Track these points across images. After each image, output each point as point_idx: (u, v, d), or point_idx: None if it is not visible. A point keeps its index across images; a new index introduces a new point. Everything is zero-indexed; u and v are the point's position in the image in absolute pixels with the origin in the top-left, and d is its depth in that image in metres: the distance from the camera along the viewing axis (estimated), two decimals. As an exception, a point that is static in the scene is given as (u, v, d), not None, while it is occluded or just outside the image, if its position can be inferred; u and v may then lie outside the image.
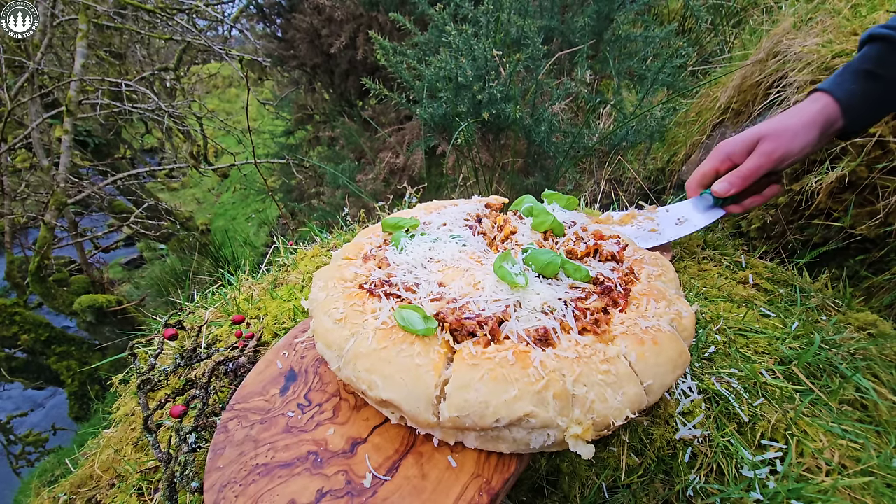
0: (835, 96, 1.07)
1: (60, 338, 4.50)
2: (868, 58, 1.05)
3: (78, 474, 1.02)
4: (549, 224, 0.95)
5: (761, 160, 1.07)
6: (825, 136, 1.09)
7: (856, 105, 1.06)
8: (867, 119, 1.09)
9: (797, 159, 1.09)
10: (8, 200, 4.62)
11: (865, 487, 0.70)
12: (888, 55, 1.03)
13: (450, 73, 2.12)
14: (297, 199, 4.93)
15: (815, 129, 1.06)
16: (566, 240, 0.94)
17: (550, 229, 0.96)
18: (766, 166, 1.07)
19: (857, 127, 1.09)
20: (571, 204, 1.08)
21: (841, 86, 1.07)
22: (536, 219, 0.97)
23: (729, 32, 2.91)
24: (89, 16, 4.25)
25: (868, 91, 1.05)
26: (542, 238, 0.95)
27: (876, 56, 1.04)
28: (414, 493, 0.59)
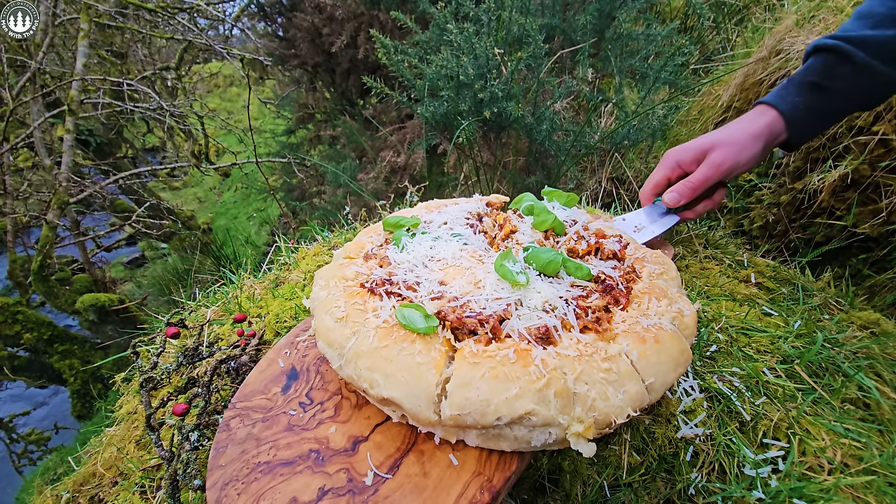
0: (779, 109, 1.08)
1: (63, 336, 4.52)
2: (813, 69, 1.06)
3: (81, 472, 1.02)
4: (549, 223, 0.95)
5: (710, 171, 1.09)
6: (769, 149, 1.11)
7: (799, 118, 1.07)
8: (811, 131, 1.11)
9: (743, 171, 1.11)
10: (10, 199, 4.63)
11: (868, 486, 0.70)
12: (834, 66, 1.03)
13: (451, 72, 2.12)
14: (298, 198, 4.93)
15: (760, 142, 1.07)
16: (567, 239, 0.93)
17: (551, 228, 0.95)
18: (714, 177, 1.09)
19: (800, 139, 1.11)
20: (571, 201, 1.07)
21: (785, 99, 1.08)
22: (537, 218, 0.96)
23: (731, 30, 2.91)
24: (91, 15, 4.26)
25: (812, 103, 1.06)
26: (542, 237, 0.94)
27: (821, 67, 1.05)
28: (415, 490, 0.59)
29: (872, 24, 1.01)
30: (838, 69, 1.03)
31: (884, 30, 0.99)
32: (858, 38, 1.00)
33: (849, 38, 1.01)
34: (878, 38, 0.99)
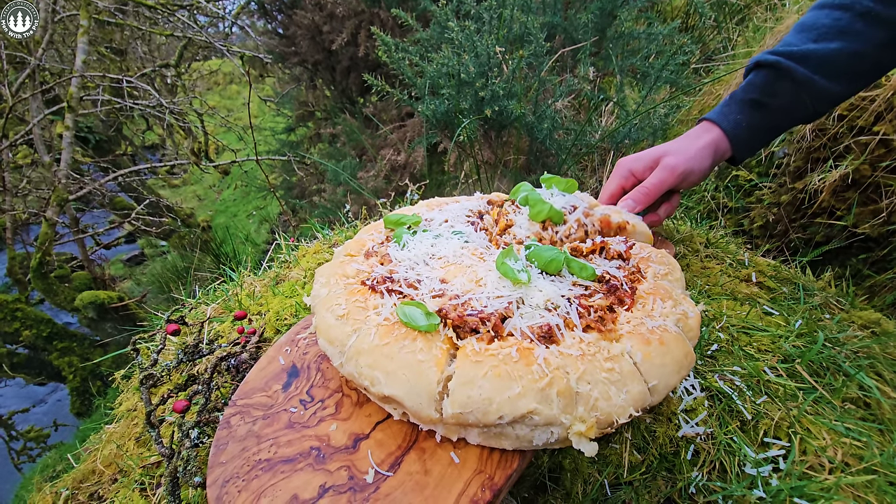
0: (722, 127, 1.08)
1: (62, 334, 4.51)
2: (754, 86, 1.06)
3: (80, 469, 1.02)
4: (546, 213, 0.91)
5: (664, 174, 1.08)
6: (716, 164, 1.12)
7: (742, 135, 1.08)
8: (754, 146, 1.11)
9: (695, 182, 1.11)
10: (9, 197, 4.62)
11: (868, 485, 0.70)
12: (773, 83, 1.03)
13: (452, 70, 2.12)
14: (298, 196, 4.93)
15: (708, 156, 1.08)
16: (567, 228, 0.90)
17: (548, 218, 0.92)
18: (669, 180, 1.08)
19: (744, 154, 1.12)
20: (571, 187, 1.04)
21: (727, 117, 1.09)
22: (533, 209, 0.92)
23: (732, 30, 2.90)
24: (90, 12, 4.24)
25: (753, 121, 1.06)
26: (540, 228, 0.91)
27: (761, 84, 1.04)
28: (416, 488, 0.59)
29: (815, 36, 0.99)
30: (777, 85, 1.02)
31: (826, 43, 0.97)
32: (800, 54, 0.99)
33: (790, 53, 1.00)
34: (820, 52, 0.98)
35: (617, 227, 0.95)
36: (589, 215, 0.94)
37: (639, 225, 0.97)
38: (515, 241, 0.91)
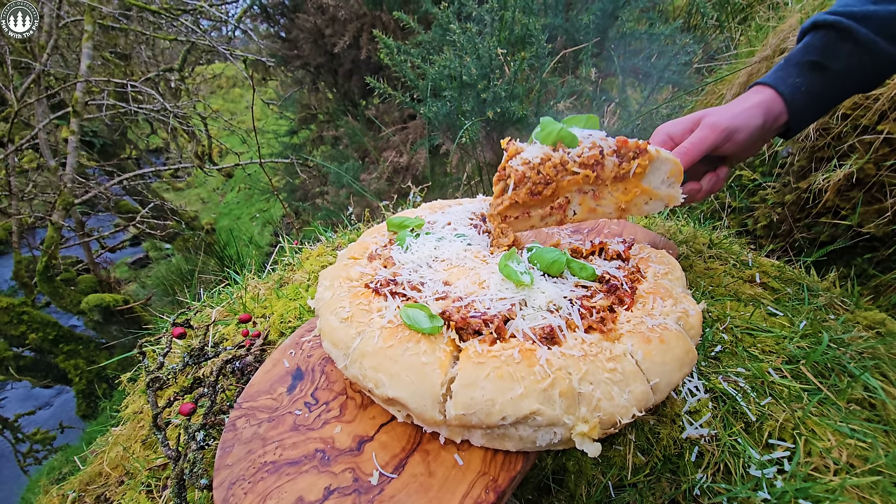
0: (778, 90, 0.99)
1: (68, 336, 4.54)
2: (812, 48, 0.97)
3: (87, 472, 1.03)
4: (556, 134, 0.84)
5: (705, 132, 0.97)
6: (769, 129, 1.00)
7: (800, 101, 0.98)
8: (812, 114, 1.02)
9: (744, 143, 0.99)
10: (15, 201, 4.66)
11: (873, 487, 0.70)
12: (835, 44, 0.95)
13: (454, 72, 2.12)
14: (301, 199, 4.95)
15: (758, 114, 0.98)
16: (580, 149, 0.84)
17: (560, 139, 0.85)
18: (710, 138, 0.97)
19: (801, 123, 1.02)
20: (592, 123, 0.95)
21: (784, 80, 0.99)
22: (543, 130, 0.86)
23: (735, 29, 2.89)
24: (95, 17, 4.28)
25: (814, 86, 0.97)
26: (550, 150, 0.85)
27: (821, 46, 0.96)
28: (421, 490, 0.59)
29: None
30: (839, 47, 0.94)
31: (887, 4, 0.92)
32: (861, 14, 0.92)
33: (850, 13, 0.93)
34: (881, 14, 0.92)
35: (636, 148, 0.85)
36: (605, 140, 0.87)
37: (662, 152, 0.87)
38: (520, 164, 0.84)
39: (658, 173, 0.88)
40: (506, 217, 0.89)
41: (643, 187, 0.87)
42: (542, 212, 0.88)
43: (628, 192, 0.87)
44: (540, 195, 0.85)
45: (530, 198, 0.85)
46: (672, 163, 0.88)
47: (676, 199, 0.90)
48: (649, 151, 0.84)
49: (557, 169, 0.84)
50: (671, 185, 0.90)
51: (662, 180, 0.89)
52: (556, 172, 0.84)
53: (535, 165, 0.84)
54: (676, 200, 0.91)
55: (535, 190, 0.84)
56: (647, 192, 0.87)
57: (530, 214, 0.89)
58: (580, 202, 0.88)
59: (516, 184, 0.84)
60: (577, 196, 0.88)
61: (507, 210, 0.88)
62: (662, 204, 0.90)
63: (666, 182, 0.89)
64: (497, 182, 0.88)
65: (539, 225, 0.91)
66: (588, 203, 0.88)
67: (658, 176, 0.88)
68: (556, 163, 0.84)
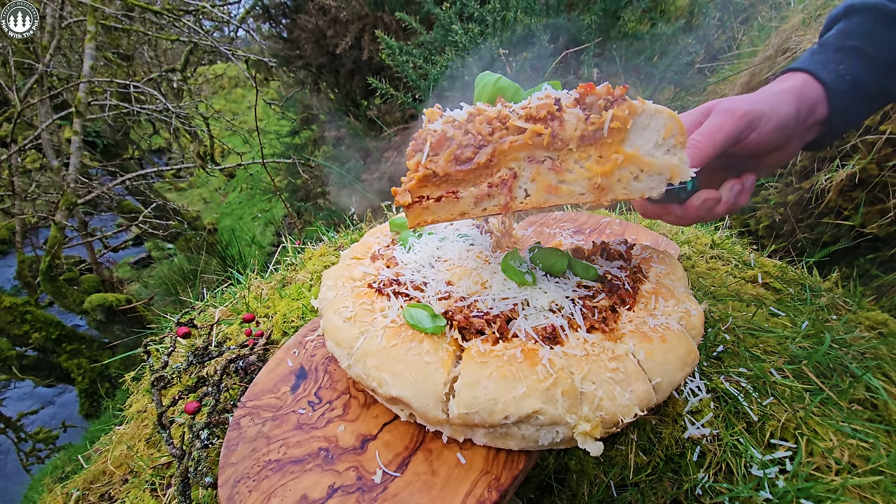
0: (817, 76, 0.79)
1: (71, 336, 4.56)
2: (850, 33, 0.80)
3: (91, 470, 1.03)
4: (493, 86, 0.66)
5: (720, 118, 0.75)
6: (803, 121, 0.80)
7: (845, 90, 0.79)
8: (857, 111, 0.82)
9: (771, 137, 0.77)
10: (18, 201, 4.68)
11: (875, 486, 0.70)
12: (878, 29, 0.78)
13: (456, 72, 2.13)
14: (302, 199, 4.96)
15: (789, 100, 0.78)
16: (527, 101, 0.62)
17: (499, 94, 0.66)
18: (727, 126, 0.74)
19: (844, 120, 0.82)
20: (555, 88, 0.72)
21: (825, 65, 0.80)
22: (478, 83, 0.68)
23: (737, 29, 2.89)
24: (97, 17, 4.29)
25: (859, 74, 0.78)
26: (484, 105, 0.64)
27: (860, 32, 0.79)
28: (424, 489, 0.60)
29: None
30: (883, 33, 0.77)
31: None
32: None
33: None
34: None
35: (607, 95, 0.60)
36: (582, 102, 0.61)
37: (649, 103, 0.61)
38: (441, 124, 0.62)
39: (648, 132, 0.61)
40: (420, 199, 0.63)
41: (627, 153, 0.60)
42: (477, 191, 0.62)
43: (605, 159, 0.60)
44: (470, 162, 0.60)
45: (455, 168, 0.60)
46: (667, 115, 0.60)
47: (682, 169, 0.61)
48: (629, 100, 0.59)
49: (493, 126, 0.60)
50: (671, 148, 0.61)
51: (656, 143, 0.61)
52: (492, 131, 0.60)
53: (462, 123, 0.61)
54: (683, 172, 0.61)
55: (463, 156, 0.60)
56: (633, 159, 0.60)
57: (458, 195, 0.62)
58: (533, 176, 0.61)
59: (434, 148, 0.60)
60: (527, 167, 0.61)
61: (420, 187, 0.62)
62: (662, 179, 0.62)
63: (662, 145, 0.61)
64: (411, 154, 0.62)
65: (473, 212, 0.64)
66: (545, 178, 0.61)
67: (648, 135, 0.61)
68: (492, 117, 0.60)
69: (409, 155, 0.63)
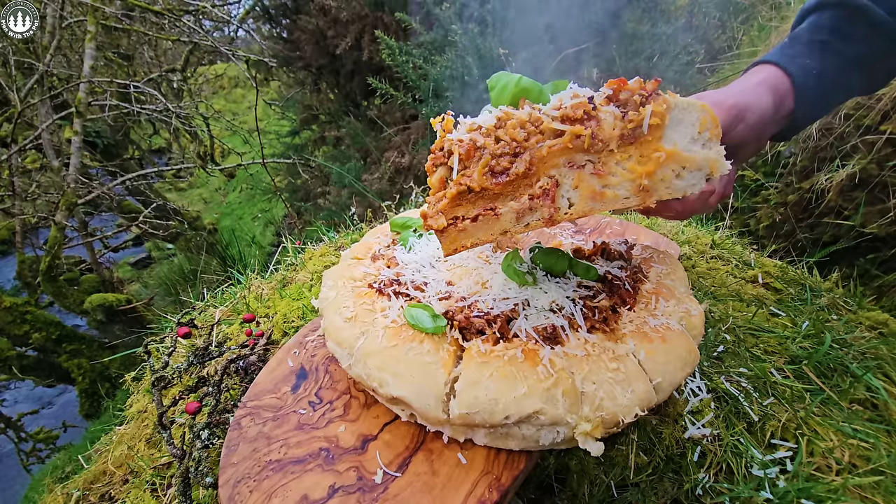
0: (786, 69, 0.81)
1: (71, 336, 4.56)
2: (821, 27, 0.82)
3: (91, 470, 1.03)
4: (515, 87, 0.61)
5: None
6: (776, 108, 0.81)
7: (811, 85, 0.81)
8: (819, 105, 0.85)
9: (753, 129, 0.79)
10: (19, 201, 4.68)
11: (876, 486, 0.70)
12: (846, 25, 0.81)
13: (456, 73, 2.13)
14: (303, 199, 4.96)
15: (765, 92, 0.80)
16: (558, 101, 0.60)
17: (522, 95, 0.62)
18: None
19: (806, 115, 0.84)
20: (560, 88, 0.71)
21: (793, 59, 0.82)
22: (495, 89, 0.64)
23: (737, 29, 2.89)
24: (98, 17, 4.29)
25: (826, 68, 0.81)
26: (510, 110, 0.61)
27: (830, 25, 0.82)
28: (424, 489, 0.60)
29: None
30: (851, 28, 0.80)
31: None
32: None
33: None
34: None
35: (640, 90, 0.59)
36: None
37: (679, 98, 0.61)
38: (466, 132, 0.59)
39: (682, 126, 0.59)
40: (455, 220, 0.58)
41: (668, 150, 0.58)
42: (517, 205, 0.58)
43: (646, 158, 0.58)
44: (507, 174, 0.55)
45: (492, 181, 0.55)
46: (699, 108, 0.59)
47: (721, 163, 0.60)
48: (662, 94, 0.58)
49: (527, 130, 0.56)
50: (707, 142, 0.60)
51: (692, 137, 0.59)
52: (527, 135, 0.56)
53: (490, 129, 0.57)
54: (723, 166, 0.60)
55: (499, 166, 0.56)
56: (675, 156, 0.58)
57: (498, 212, 0.58)
58: (576, 183, 0.58)
59: (463, 160, 0.55)
60: (568, 174, 0.58)
61: (454, 206, 0.57)
62: (702, 175, 0.60)
63: (698, 139, 0.60)
64: (432, 170, 0.58)
65: (516, 229, 0.60)
66: (589, 183, 0.58)
67: (684, 130, 0.59)
68: (524, 120, 0.56)
69: (430, 170, 0.58)
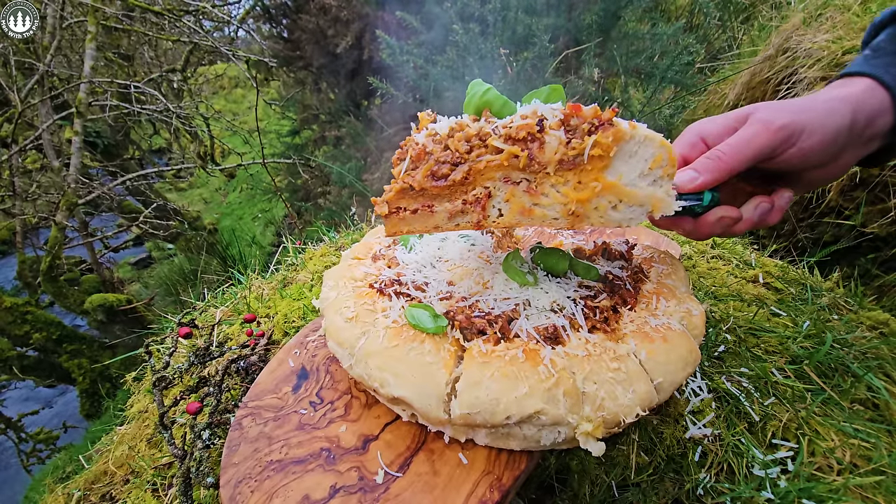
0: (882, 81, 0.69)
1: (72, 336, 4.56)
2: None
3: (92, 470, 1.04)
4: (480, 99, 0.62)
5: (754, 129, 0.67)
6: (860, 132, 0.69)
7: None
8: None
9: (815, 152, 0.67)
10: (19, 201, 4.68)
11: (877, 486, 0.70)
12: None
13: (456, 72, 2.13)
14: (303, 199, 4.97)
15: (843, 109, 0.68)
16: (510, 118, 0.59)
17: (485, 107, 0.63)
18: (760, 139, 0.66)
19: None
20: (556, 95, 0.71)
21: (888, 69, 0.70)
22: (469, 92, 0.65)
23: (738, 28, 2.89)
24: (98, 18, 4.30)
25: None
26: (470, 120, 0.62)
27: None
28: (426, 489, 0.60)
29: None
30: None
31: None
32: None
33: None
34: None
35: (594, 118, 0.56)
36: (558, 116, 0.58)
37: (642, 128, 0.58)
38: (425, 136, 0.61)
39: (634, 160, 0.58)
40: (398, 210, 0.64)
41: (608, 182, 0.57)
42: (451, 207, 0.62)
43: (584, 186, 0.57)
44: (445, 179, 0.59)
45: (431, 183, 0.60)
46: (657, 144, 0.57)
47: (665, 203, 0.60)
48: (618, 125, 0.55)
49: (472, 143, 0.59)
50: (656, 180, 0.59)
51: (642, 172, 0.58)
52: (470, 149, 0.59)
53: (443, 138, 0.60)
54: (666, 207, 0.60)
55: (439, 172, 0.59)
56: (613, 188, 0.57)
57: (433, 209, 0.63)
58: (507, 197, 0.60)
59: (413, 161, 0.60)
60: (502, 188, 0.60)
61: (398, 198, 0.63)
62: (642, 211, 0.60)
63: (648, 175, 0.58)
64: (396, 162, 0.64)
65: (447, 227, 0.64)
66: (520, 199, 0.60)
67: (634, 164, 0.58)
68: (471, 134, 0.59)
69: (395, 162, 0.64)
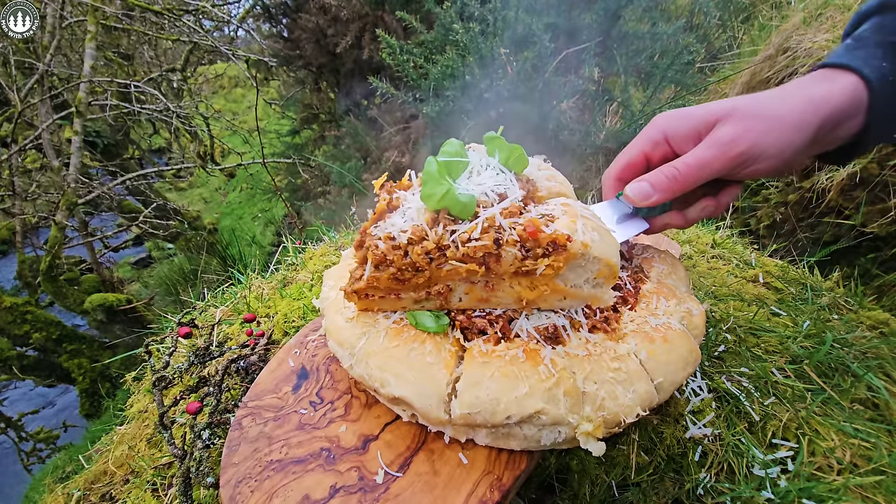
0: (863, 75, 0.67)
1: (72, 336, 4.56)
2: (891, 29, 0.70)
3: (92, 470, 1.03)
4: (440, 199, 0.62)
5: (711, 153, 0.68)
6: (821, 136, 0.69)
7: (889, 93, 0.67)
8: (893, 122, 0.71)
9: (776, 165, 0.69)
10: (19, 201, 4.68)
11: (877, 486, 0.70)
12: None
13: (456, 72, 2.13)
14: (303, 199, 4.96)
15: (814, 120, 0.67)
16: (468, 229, 0.61)
17: (445, 207, 0.62)
18: (715, 165, 0.68)
19: (880, 128, 0.70)
20: (517, 161, 0.71)
21: (868, 62, 0.68)
22: (425, 188, 0.63)
23: (738, 28, 2.89)
24: (98, 17, 4.29)
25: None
26: (428, 221, 0.62)
27: None
28: (426, 489, 0.60)
29: None
30: None
31: None
32: None
33: None
34: None
35: (550, 243, 0.60)
36: (515, 213, 0.63)
37: (594, 248, 0.62)
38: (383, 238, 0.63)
39: (581, 271, 0.65)
40: (367, 294, 0.68)
41: (556, 286, 0.64)
42: (416, 295, 0.68)
43: (535, 287, 0.65)
44: (408, 282, 0.65)
45: (395, 284, 0.65)
46: (603, 264, 0.64)
47: (603, 300, 0.69)
48: (570, 249, 0.60)
49: (433, 256, 0.62)
50: (598, 285, 0.67)
51: (587, 279, 0.66)
52: (430, 261, 0.62)
53: (403, 246, 0.62)
54: (603, 302, 0.69)
55: (402, 276, 0.64)
56: (561, 291, 0.65)
57: (400, 297, 0.68)
58: (467, 290, 0.67)
59: (375, 265, 0.63)
60: (462, 285, 0.67)
61: (365, 290, 0.68)
62: (582, 303, 0.69)
63: (591, 281, 0.66)
64: (357, 248, 0.66)
65: (413, 308, 0.70)
66: (478, 293, 0.67)
67: (581, 273, 0.65)
68: (431, 248, 0.61)
69: (356, 246, 0.66)
